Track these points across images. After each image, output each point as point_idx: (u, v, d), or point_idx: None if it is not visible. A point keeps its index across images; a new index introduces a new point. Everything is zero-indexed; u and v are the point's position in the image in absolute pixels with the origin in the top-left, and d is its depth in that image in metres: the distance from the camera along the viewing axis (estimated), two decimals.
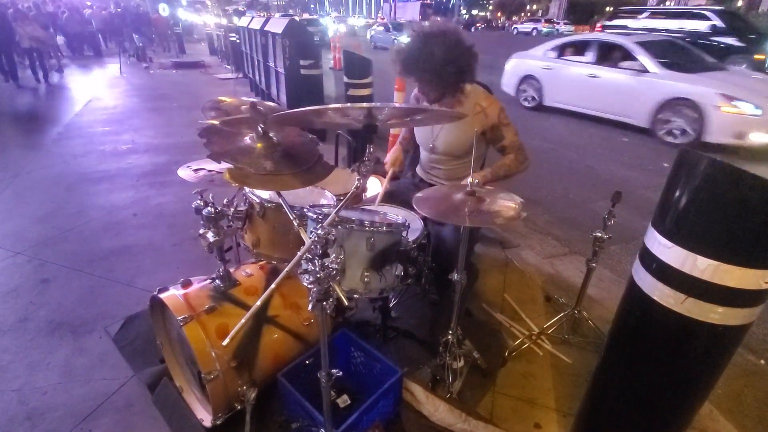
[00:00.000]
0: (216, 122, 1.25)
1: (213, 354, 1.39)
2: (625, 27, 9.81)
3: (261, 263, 1.76)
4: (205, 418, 1.54)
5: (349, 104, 0.91)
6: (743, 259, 0.92)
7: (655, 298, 1.07)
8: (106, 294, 2.38)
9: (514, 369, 1.90)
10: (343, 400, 1.62)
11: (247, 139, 1.18)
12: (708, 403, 1.72)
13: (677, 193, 1.01)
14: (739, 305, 0.98)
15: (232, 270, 1.68)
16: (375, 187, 2.46)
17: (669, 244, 1.02)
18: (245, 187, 1.56)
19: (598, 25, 12.84)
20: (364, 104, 0.94)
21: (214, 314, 1.46)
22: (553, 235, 3.23)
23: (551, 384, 1.83)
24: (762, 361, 2.05)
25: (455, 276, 1.54)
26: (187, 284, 1.57)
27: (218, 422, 1.48)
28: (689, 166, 0.98)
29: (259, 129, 1.14)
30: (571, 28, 33.29)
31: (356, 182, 1.06)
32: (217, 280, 1.58)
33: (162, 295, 1.50)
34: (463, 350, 1.79)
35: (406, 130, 2.13)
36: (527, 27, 36.60)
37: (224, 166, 1.12)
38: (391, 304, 2.04)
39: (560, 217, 3.60)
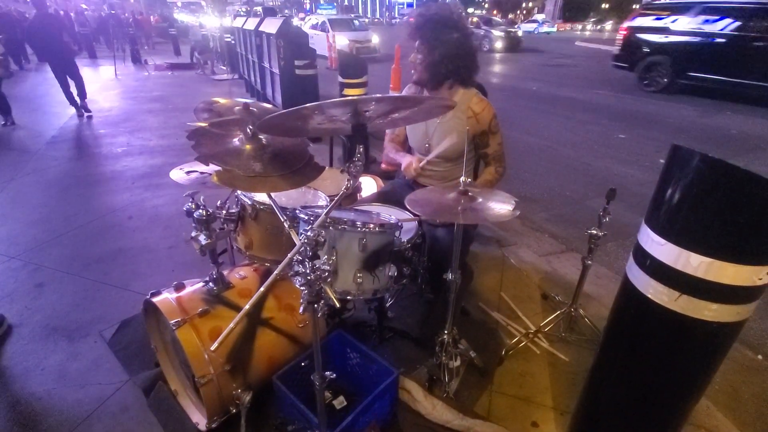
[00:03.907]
0: (204, 124, 1.23)
1: (206, 357, 1.38)
2: None
3: (255, 265, 1.75)
4: (200, 421, 1.53)
5: (332, 100, 0.90)
6: (736, 256, 0.91)
7: (649, 295, 1.07)
8: (100, 298, 2.36)
9: (511, 367, 1.90)
10: (340, 402, 1.61)
11: (236, 141, 1.17)
12: (705, 399, 1.71)
13: (670, 190, 1.00)
14: (732, 302, 0.97)
15: (225, 272, 1.66)
16: (370, 186, 2.46)
17: (662, 241, 1.01)
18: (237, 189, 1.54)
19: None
20: (348, 98, 0.92)
21: (208, 317, 1.45)
22: (549, 232, 3.22)
23: (548, 382, 1.83)
24: (759, 357, 2.05)
25: (449, 276, 1.53)
26: (180, 287, 1.55)
27: (213, 426, 1.47)
28: (681, 162, 0.97)
29: (248, 130, 1.13)
30: None
31: (347, 183, 1.05)
32: (210, 283, 1.56)
33: (155, 299, 1.49)
34: (459, 350, 1.78)
35: (396, 129, 2.10)
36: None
37: (213, 168, 1.11)
38: (387, 305, 2.03)
39: (557, 214, 3.60)
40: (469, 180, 1.38)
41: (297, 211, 1.39)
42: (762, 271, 0.93)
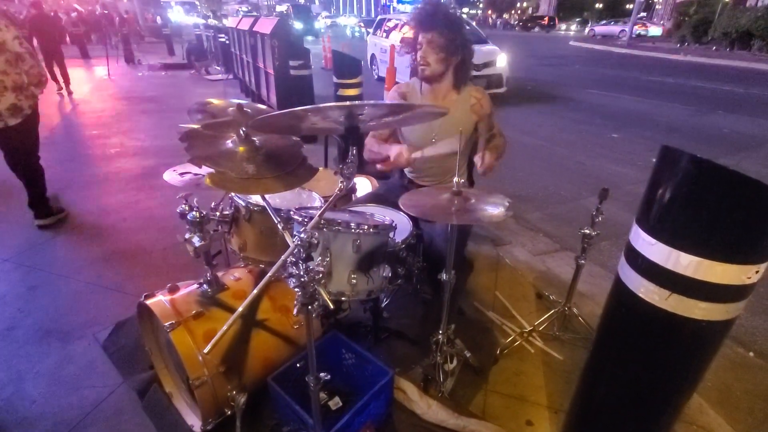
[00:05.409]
0: (197, 126, 1.23)
1: (201, 359, 1.38)
2: None
3: (250, 267, 1.75)
4: (195, 424, 1.53)
5: (325, 104, 0.90)
6: (725, 255, 0.92)
7: (640, 294, 1.08)
8: (94, 300, 2.35)
9: (505, 367, 1.91)
10: (335, 403, 1.62)
11: (229, 143, 1.17)
12: (697, 396, 1.73)
13: (659, 190, 1.01)
14: (721, 300, 0.98)
15: (220, 274, 1.66)
16: (365, 187, 2.46)
17: (652, 240, 1.02)
18: None
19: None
20: (343, 103, 0.93)
21: (202, 319, 1.45)
22: (544, 231, 3.24)
23: (543, 381, 1.84)
24: (751, 354, 2.07)
25: (444, 276, 1.54)
26: (174, 289, 1.55)
27: (208, 428, 1.47)
28: (671, 162, 0.98)
29: (241, 132, 1.13)
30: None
31: (340, 184, 1.05)
32: (204, 285, 1.56)
33: (149, 302, 1.49)
34: (454, 349, 1.79)
35: (383, 132, 2.05)
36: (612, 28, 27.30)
37: (207, 169, 1.11)
38: (383, 305, 2.04)
39: (551, 213, 3.62)
40: (463, 181, 1.39)
41: (291, 213, 1.39)
42: (751, 269, 0.94)
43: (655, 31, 26.09)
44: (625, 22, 25.86)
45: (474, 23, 9.50)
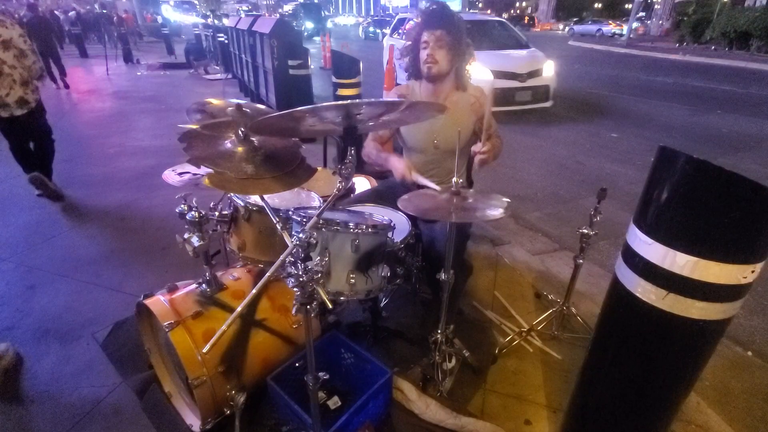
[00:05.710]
0: (196, 126, 1.24)
1: (200, 359, 1.38)
2: None
3: (249, 267, 1.75)
4: (194, 423, 1.53)
5: (323, 104, 0.90)
6: (721, 255, 0.93)
7: (638, 294, 1.08)
8: (93, 300, 2.35)
9: (504, 366, 1.91)
10: (334, 402, 1.62)
11: (228, 143, 1.17)
12: (695, 395, 1.74)
13: (656, 191, 1.01)
14: (718, 300, 0.98)
15: (219, 274, 1.66)
16: (364, 186, 2.46)
17: (649, 240, 1.02)
18: None
19: None
20: (340, 102, 0.93)
21: (201, 319, 1.45)
22: (543, 231, 3.25)
23: (541, 380, 1.85)
24: (749, 353, 2.08)
25: (442, 275, 1.54)
26: (173, 289, 1.55)
27: (207, 427, 1.48)
28: (668, 163, 0.99)
29: (240, 133, 1.13)
30: None
31: (338, 185, 1.05)
32: (203, 285, 1.56)
33: (147, 301, 1.49)
34: (453, 349, 1.79)
35: (382, 132, 2.07)
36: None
37: (206, 169, 1.11)
38: (381, 304, 2.04)
39: (550, 213, 3.62)
40: (462, 181, 1.39)
41: (290, 213, 1.39)
42: (747, 269, 0.95)
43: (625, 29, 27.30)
44: (601, 22, 30.00)
45: (512, 25, 7.93)
